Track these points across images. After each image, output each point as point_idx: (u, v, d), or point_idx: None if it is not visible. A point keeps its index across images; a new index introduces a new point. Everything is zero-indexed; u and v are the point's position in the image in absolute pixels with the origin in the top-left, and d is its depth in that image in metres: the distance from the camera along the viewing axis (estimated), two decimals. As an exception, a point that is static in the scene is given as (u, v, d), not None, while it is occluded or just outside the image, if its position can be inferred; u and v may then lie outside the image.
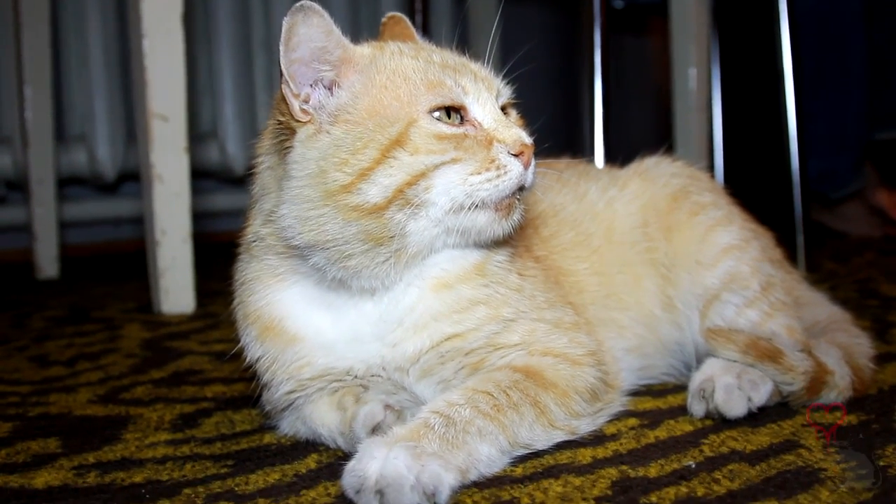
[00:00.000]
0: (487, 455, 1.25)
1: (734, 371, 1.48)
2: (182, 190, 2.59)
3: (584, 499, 1.17)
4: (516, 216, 1.36)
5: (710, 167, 3.54)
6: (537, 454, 1.33)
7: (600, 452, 1.34)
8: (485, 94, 1.36)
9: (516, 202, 1.35)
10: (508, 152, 1.32)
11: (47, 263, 3.55)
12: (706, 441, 1.37)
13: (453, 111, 1.33)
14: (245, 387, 1.76)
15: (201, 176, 3.95)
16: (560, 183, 1.74)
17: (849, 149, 3.80)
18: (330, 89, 1.34)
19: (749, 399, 1.46)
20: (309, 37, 1.31)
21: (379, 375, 1.40)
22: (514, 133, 1.34)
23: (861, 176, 3.89)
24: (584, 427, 1.40)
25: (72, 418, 1.66)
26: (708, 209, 1.70)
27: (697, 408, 1.48)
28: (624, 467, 1.28)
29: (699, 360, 1.63)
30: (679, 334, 1.68)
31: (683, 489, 1.19)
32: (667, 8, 3.43)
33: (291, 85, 1.32)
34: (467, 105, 1.35)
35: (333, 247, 1.31)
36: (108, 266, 3.86)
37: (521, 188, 1.34)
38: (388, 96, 1.32)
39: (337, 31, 1.34)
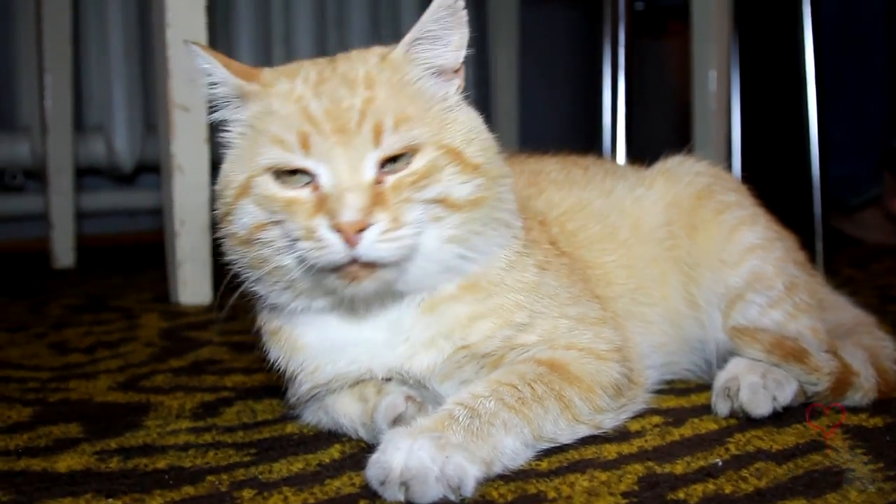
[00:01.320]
0: (512, 448, 1.24)
1: (759, 370, 1.48)
2: (202, 181, 2.59)
3: (610, 493, 1.17)
4: (370, 284, 1.26)
5: (728, 170, 3.53)
6: (562, 449, 1.32)
7: (625, 448, 1.33)
8: (338, 152, 1.23)
9: (365, 272, 1.25)
10: (329, 226, 1.22)
11: (63, 253, 3.55)
12: (731, 440, 1.37)
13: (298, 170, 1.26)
14: (265, 377, 1.75)
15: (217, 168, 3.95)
16: (585, 179, 1.73)
17: (868, 155, 3.78)
18: None
19: (774, 398, 1.45)
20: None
21: (400, 376, 1.39)
22: (341, 207, 1.21)
23: (879, 183, 3.88)
24: (608, 422, 1.39)
25: (93, 404, 1.66)
26: (732, 208, 1.69)
27: (722, 406, 1.48)
28: (650, 463, 1.27)
29: (720, 359, 1.63)
30: (701, 332, 1.67)
31: (711, 486, 1.19)
32: (687, 10, 3.42)
33: None
34: (308, 167, 1.25)
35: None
36: (124, 257, 3.87)
37: (367, 263, 1.23)
38: (247, 142, 1.33)
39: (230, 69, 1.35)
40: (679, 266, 1.67)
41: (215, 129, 1.40)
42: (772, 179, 4.04)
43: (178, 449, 1.40)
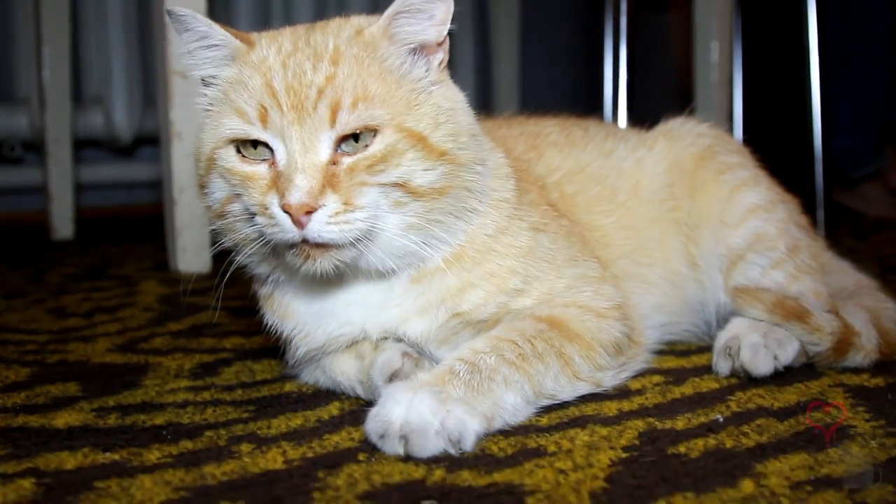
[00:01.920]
0: (513, 403, 1.24)
1: (760, 330, 1.47)
2: (201, 148, 2.56)
3: (611, 447, 1.16)
4: (326, 263, 1.25)
5: (730, 138, 3.52)
6: (562, 406, 1.32)
7: (626, 406, 1.33)
8: (293, 130, 1.22)
9: (318, 251, 1.24)
10: (279, 205, 1.21)
11: (62, 224, 3.54)
12: (732, 398, 1.36)
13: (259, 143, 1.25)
14: (263, 339, 1.74)
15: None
16: (585, 139, 1.72)
17: (870, 128, 3.77)
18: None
19: (775, 358, 1.44)
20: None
21: (395, 336, 1.38)
22: (290, 187, 1.20)
23: (881, 156, 3.87)
24: (608, 380, 1.39)
25: (91, 365, 1.66)
26: (735, 169, 1.68)
27: (723, 366, 1.47)
28: (651, 419, 1.27)
29: (720, 320, 1.63)
30: (702, 293, 1.67)
31: (712, 441, 1.18)
32: (690, -18, 3.40)
33: None
34: (266, 140, 1.24)
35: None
36: (122, 229, 3.86)
37: (319, 244, 1.23)
38: (217, 108, 1.31)
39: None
40: (679, 227, 1.66)
41: None
42: (773, 151, 4.02)
43: (177, 406, 1.39)
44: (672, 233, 1.66)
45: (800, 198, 1.79)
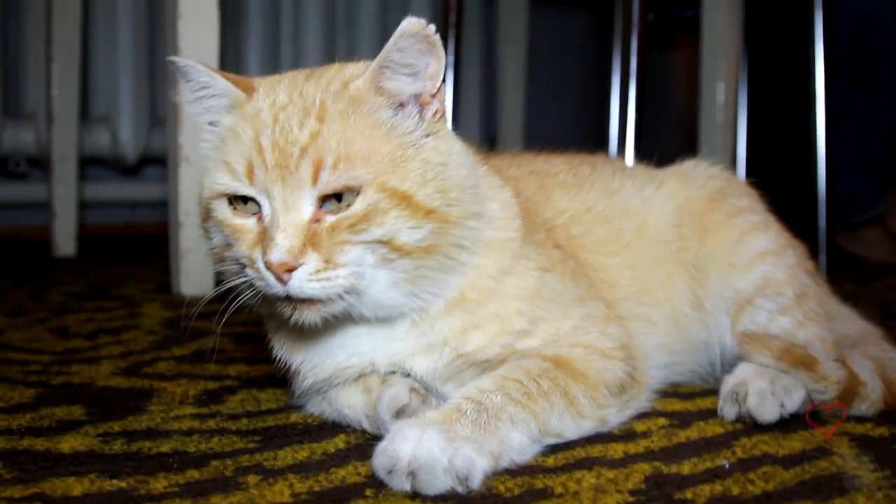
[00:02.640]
0: (519, 442, 1.24)
1: (768, 376, 1.47)
2: (208, 173, 2.57)
3: (618, 491, 1.16)
4: (313, 315, 1.27)
5: (735, 181, 3.53)
6: (568, 446, 1.32)
7: (632, 448, 1.33)
8: (276, 189, 1.22)
9: (304, 305, 1.26)
10: (263, 261, 1.23)
11: (65, 241, 3.54)
12: (738, 443, 1.36)
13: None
14: (268, 367, 1.74)
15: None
16: (592, 178, 1.72)
17: (873, 173, 3.78)
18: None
19: (782, 405, 1.44)
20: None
21: (402, 370, 1.39)
22: (271, 245, 1.21)
23: (883, 201, 3.88)
24: (612, 418, 1.40)
25: (95, 388, 1.66)
26: (745, 213, 1.69)
27: (729, 411, 1.47)
28: (657, 463, 1.27)
29: (725, 363, 1.64)
30: (706, 334, 1.67)
31: (718, 487, 1.18)
32: (695, 24, 3.42)
33: None
34: (253, 196, 1.25)
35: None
36: (124, 248, 3.85)
37: (295, 298, 1.25)
38: (214, 155, 1.33)
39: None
40: (686, 268, 1.67)
41: None
42: (776, 194, 4.04)
43: (182, 434, 1.39)
44: (678, 273, 1.66)
45: (803, 241, 1.80)
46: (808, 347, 1.52)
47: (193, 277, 2.61)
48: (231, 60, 3.97)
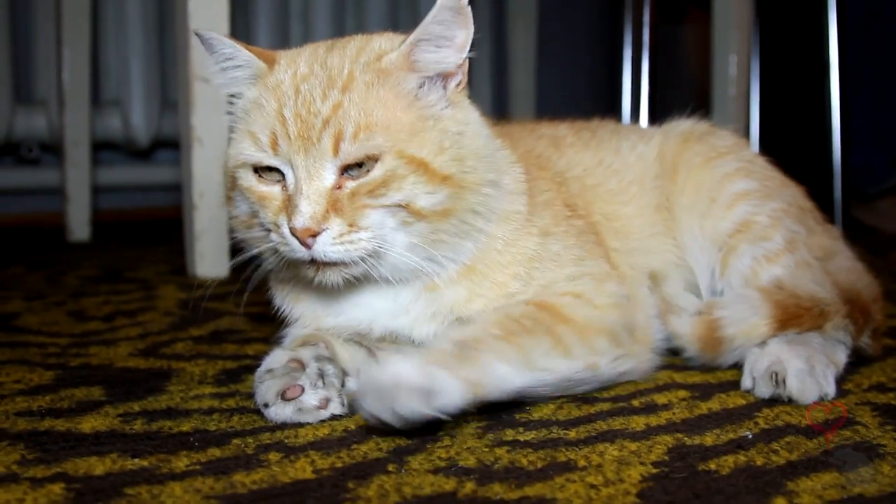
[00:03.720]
0: (502, 371, 1.25)
1: (802, 354, 1.44)
2: (221, 153, 2.55)
3: (641, 463, 1.16)
4: (335, 276, 1.32)
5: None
6: (589, 419, 1.32)
7: (653, 420, 1.33)
8: (299, 159, 1.27)
9: (328, 267, 1.31)
10: (288, 227, 1.28)
11: (79, 226, 3.55)
12: (760, 414, 1.36)
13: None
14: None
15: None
16: (596, 140, 1.77)
17: (887, 145, 3.76)
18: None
19: (821, 389, 1.42)
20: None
21: (396, 337, 1.44)
22: (295, 212, 1.26)
23: (898, 172, 3.86)
24: (605, 367, 1.40)
25: (114, 369, 1.66)
26: (725, 155, 1.71)
27: (765, 390, 1.43)
28: (679, 435, 1.26)
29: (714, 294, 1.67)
30: (692, 278, 1.69)
31: (742, 458, 1.18)
32: (708, -5, 3.40)
33: None
34: (276, 166, 1.30)
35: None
36: (138, 232, 3.86)
37: (319, 261, 1.30)
38: (241, 126, 1.35)
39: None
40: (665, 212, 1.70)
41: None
42: (790, 166, 4.02)
43: (203, 413, 1.39)
44: (664, 219, 1.69)
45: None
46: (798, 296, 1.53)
47: (208, 259, 2.61)
48: (241, 39, 3.95)
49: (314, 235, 1.26)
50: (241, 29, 3.92)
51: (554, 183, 1.57)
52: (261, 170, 1.32)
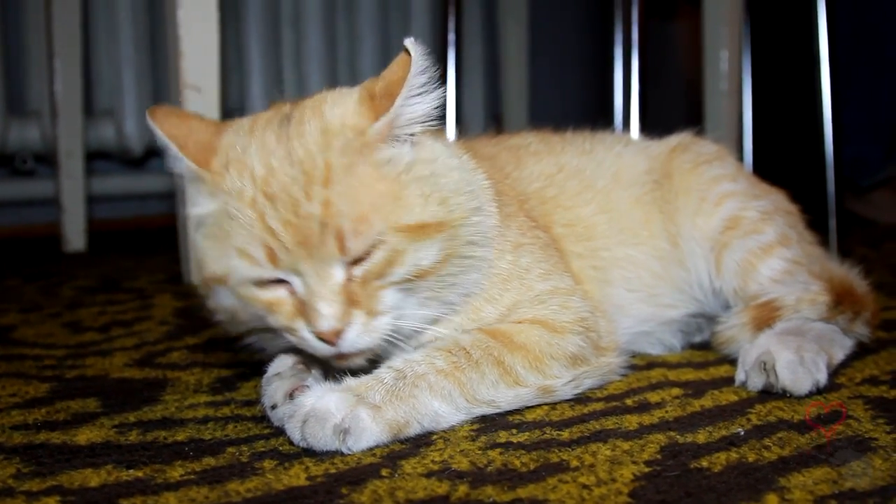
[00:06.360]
0: (438, 410, 1.27)
1: (792, 345, 1.45)
2: (214, 161, 2.57)
3: (633, 462, 1.16)
4: (360, 361, 1.29)
5: (740, 151, 3.52)
6: (583, 419, 1.32)
7: (646, 419, 1.33)
8: (305, 265, 1.21)
9: (353, 355, 1.27)
10: (309, 330, 1.24)
11: (75, 236, 3.55)
12: (752, 410, 1.36)
13: None
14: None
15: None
16: (563, 144, 1.77)
17: (880, 137, 3.77)
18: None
19: (811, 375, 1.43)
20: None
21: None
22: (316, 316, 1.21)
23: (891, 164, 3.86)
24: (563, 389, 1.39)
25: (109, 380, 1.66)
26: (713, 162, 1.73)
27: (756, 381, 1.45)
28: (672, 433, 1.27)
29: (718, 299, 1.69)
30: (686, 275, 1.70)
31: (734, 455, 1.18)
32: (699, -9, 3.41)
33: None
34: (280, 277, 1.23)
35: None
36: (134, 241, 3.86)
37: (347, 354, 1.27)
38: (215, 231, 1.27)
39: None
40: (660, 207, 1.71)
41: (228, 114, 1.39)
42: (784, 160, 4.03)
43: (198, 422, 1.39)
44: (654, 213, 1.70)
45: (812, 206, 1.81)
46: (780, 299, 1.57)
47: (203, 267, 2.60)
48: (232, 46, 3.96)
49: (340, 332, 1.22)
50: (233, 36, 3.92)
51: (515, 199, 1.56)
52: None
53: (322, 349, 1.25)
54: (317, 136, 1.24)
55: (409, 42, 1.25)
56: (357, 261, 1.22)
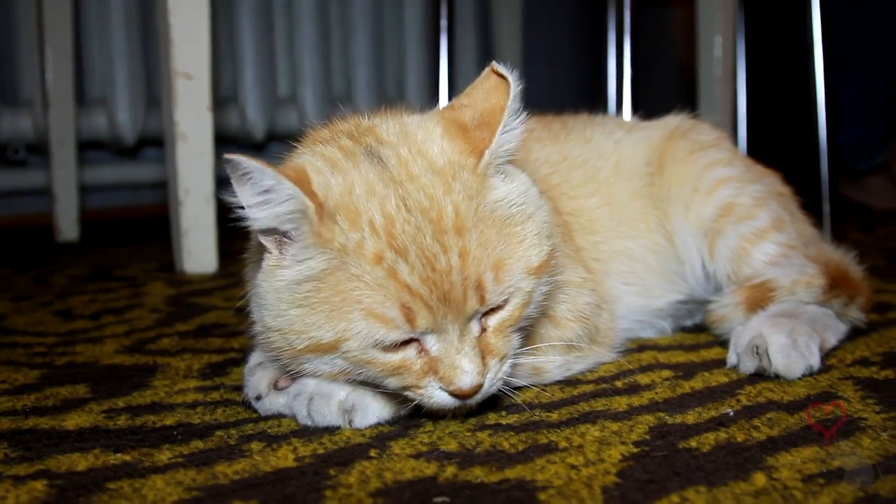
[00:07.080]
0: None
1: (784, 329, 1.45)
2: (206, 149, 2.57)
3: (622, 442, 1.16)
4: (477, 399, 1.20)
5: (734, 136, 3.52)
6: (572, 401, 1.32)
7: (636, 400, 1.33)
8: (448, 324, 1.13)
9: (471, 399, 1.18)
10: (441, 388, 1.16)
11: (67, 226, 3.55)
12: (742, 392, 1.36)
13: None
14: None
15: (221, 142, 3.92)
16: (566, 131, 1.76)
17: (875, 121, 3.77)
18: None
19: (807, 363, 1.42)
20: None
21: None
22: (457, 374, 1.14)
23: (886, 149, 3.86)
24: (552, 370, 1.41)
25: (99, 367, 1.66)
26: (708, 148, 1.71)
27: (749, 364, 1.44)
28: (661, 414, 1.27)
29: (711, 286, 1.68)
30: (680, 268, 1.69)
31: (723, 435, 1.18)
32: (692, -23, 3.40)
33: None
34: (417, 338, 1.14)
35: None
36: (127, 230, 3.86)
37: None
38: (319, 294, 1.12)
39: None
40: (655, 202, 1.70)
41: (219, 102, 1.35)
42: (778, 145, 4.03)
43: (187, 407, 1.39)
44: (650, 206, 1.70)
45: (806, 190, 1.80)
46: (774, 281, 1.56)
47: (196, 255, 2.61)
48: (224, 34, 3.95)
49: (480, 388, 1.16)
50: (224, 24, 3.91)
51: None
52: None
53: (449, 402, 1.17)
54: (431, 177, 1.14)
55: (499, 66, 1.19)
56: (492, 309, 1.17)
